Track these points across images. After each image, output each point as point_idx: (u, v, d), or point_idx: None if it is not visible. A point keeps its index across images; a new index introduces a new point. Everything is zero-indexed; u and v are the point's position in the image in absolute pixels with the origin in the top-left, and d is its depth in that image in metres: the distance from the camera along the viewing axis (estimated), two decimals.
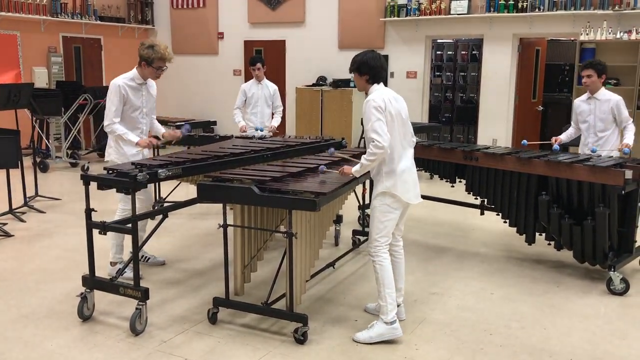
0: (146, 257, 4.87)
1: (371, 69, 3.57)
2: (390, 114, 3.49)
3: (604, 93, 5.21)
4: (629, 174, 4.22)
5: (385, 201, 3.57)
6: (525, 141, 5.39)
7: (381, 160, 3.52)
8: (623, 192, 4.27)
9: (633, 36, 8.20)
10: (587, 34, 8.49)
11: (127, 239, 4.36)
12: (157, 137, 4.71)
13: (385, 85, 3.67)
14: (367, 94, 3.61)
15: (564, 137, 5.47)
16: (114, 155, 4.49)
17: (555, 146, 5.21)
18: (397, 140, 3.55)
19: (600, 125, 5.19)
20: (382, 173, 3.57)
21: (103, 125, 4.48)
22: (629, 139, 5.08)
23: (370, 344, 3.54)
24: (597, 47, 8.58)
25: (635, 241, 4.67)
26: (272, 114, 6.85)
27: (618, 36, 8.30)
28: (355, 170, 3.58)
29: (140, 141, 4.40)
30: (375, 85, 3.59)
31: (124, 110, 4.42)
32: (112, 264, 4.55)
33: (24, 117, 8.83)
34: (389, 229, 3.61)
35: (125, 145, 4.46)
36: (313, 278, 4.41)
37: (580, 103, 5.35)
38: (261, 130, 6.41)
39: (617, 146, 5.13)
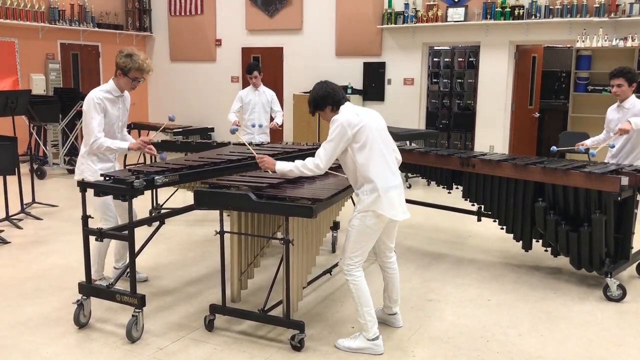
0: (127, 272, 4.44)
1: (325, 98, 3.50)
2: (359, 127, 3.38)
3: (632, 102, 5.06)
4: (624, 180, 4.23)
5: (366, 222, 3.43)
6: (554, 147, 5.23)
7: (363, 178, 3.43)
8: (619, 198, 4.27)
9: (629, 43, 8.25)
10: (583, 41, 8.54)
11: (109, 253, 4.40)
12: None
13: (382, 91, 3.65)
14: None
15: (589, 142, 5.33)
16: (87, 172, 4.14)
17: (553, 148, 5.19)
18: (375, 155, 3.42)
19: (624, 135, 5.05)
20: (365, 191, 3.43)
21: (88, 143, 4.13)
22: (634, 121, 4.73)
23: (350, 352, 3.52)
24: (593, 54, 8.63)
25: (632, 247, 4.67)
26: (272, 118, 6.86)
27: (614, 43, 8.34)
28: (280, 168, 3.54)
29: (131, 144, 4.14)
30: (342, 107, 3.51)
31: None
32: (116, 268, 4.51)
33: (22, 123, 8.83)
34: (365, 250, 3.51)
35: (98, 161, 4.18)
36: (310, 285, 4.41)
37: (610, 111, 5.24)
38: (260, 126, 6.40)
39: (620, 127, 4.78)
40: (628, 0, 8.37)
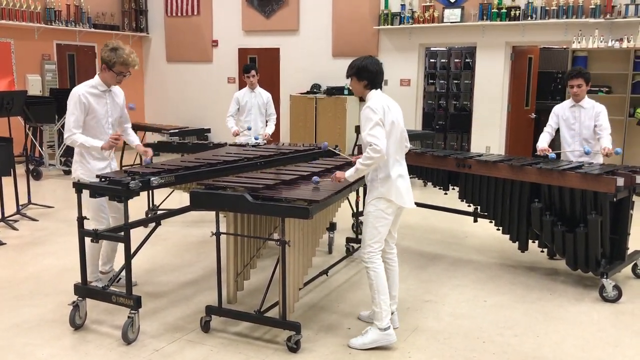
0: (119, 278, 4.14)
1: (370, 74, 3.55)
2: (388, 120, 3.50)
3: (588, 101, 5.20)
4: (620, 181, 4.24)
5: (379, 206, 3.57)
6: (553, 155, 5.04)
7: (376, 166, 3.53)
8: (615, 199, 4.28)
9: (624, 44, 8.27)
10: (579, 42, 8.55)
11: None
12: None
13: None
14: (364, 99, 3.61)
15: (547, 145, 5.27)
16: (80, 171, 4.17)
17: (552, 155, 5.15)
18: (392, 147, 3.56)
19: (585, 132, 5.15)
20: (377, 179, 3.57)
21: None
22: (609, 142, 4.97)
23: (364, 350, 3.54)
24: (589, 55, 8.64)
25: (628, 248, 4.68)
26: (266, 121, 6.86)
27: (610, 44, 8.36)
28: (349, 175, 3.55)
29: (104, 144, 4.06)
30: (373, 91, 3.59)
31: (88, 119, 4.11)
32: (102, 272, 4.49)
33: (18, 124, 8.81)
34: (382, 235, 3.61)
35: (92, 159, 4.17)
36: (306, 286, 4.41)
37: (564, 110, 5.28)
38: (256, 139, 6.41)
39: (603, 151, 4.95)
40: (623, 1, 8.39)
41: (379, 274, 3.57)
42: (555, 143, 5.34)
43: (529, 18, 8.96)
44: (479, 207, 5.30)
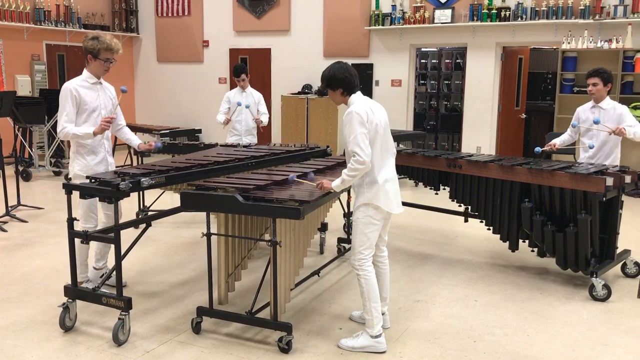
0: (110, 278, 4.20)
1: (341, 81, 3.49)
2: (372, 124, 3.43)
3: (608, 102, 5.17)
4: (609, 181, 4.27)
5: (367, 213, 3.52)
6: (538, 148, 5.16)
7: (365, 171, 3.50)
8: (604, 198, 4.31)
9: (613, 45, 8.33)
10: (569, 43, 8.61)
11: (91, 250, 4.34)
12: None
13: (369, 92, 3.66)
14: (346, 105, 3.57)
15: (558, 142, 5.39)
16: (77, 168, 4.21)
17: (537, 149, 5.20)
18: (378, 151, 3.49)
19: (604, 134, 5.11)
20: (364, 184, 3.51)
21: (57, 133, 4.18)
22: (631, 131, 4.88)
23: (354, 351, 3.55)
24: (579, 56, 8.70)
25: (617, 247, 4.71)
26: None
27: (599, 45, 8.43)
28: (336, 185, 3.48)
29: (95, 129, 4.07)
30: (354, 95, 3.53)
31: (81, 113, 4.14)
32: (96, 268, 4.47)
33: (7, 125, 8.75)
34: (372, 241, 3.57)
35: (88, 154, 4.20)
36: (297, 287, 4.41)
37: (583, 111, 5.29)
38: (247, 107, 6.41)
39: (617, 129, 4.87)
40: (612, 2, 8.46)
41: (369, 280, 3.53)
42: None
43: (519, 19, 9.00)
44: (469, 207, 5.32)
